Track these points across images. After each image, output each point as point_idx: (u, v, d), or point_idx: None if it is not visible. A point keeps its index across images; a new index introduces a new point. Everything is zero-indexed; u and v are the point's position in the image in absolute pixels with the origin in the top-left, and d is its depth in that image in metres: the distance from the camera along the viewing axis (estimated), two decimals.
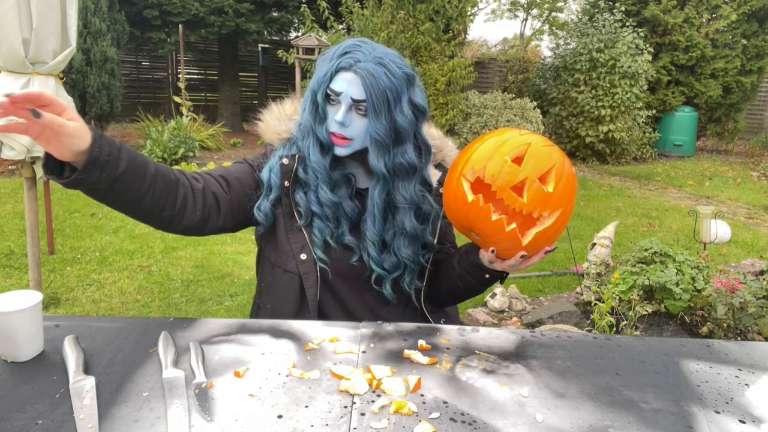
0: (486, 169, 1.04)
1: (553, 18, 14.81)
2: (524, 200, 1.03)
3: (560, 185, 1.05)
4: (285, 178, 1.25)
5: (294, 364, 0.95)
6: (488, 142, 1.08)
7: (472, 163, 1.07)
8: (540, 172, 1.04)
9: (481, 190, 1.06)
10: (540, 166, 1.05)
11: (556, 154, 1.07)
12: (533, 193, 1.03)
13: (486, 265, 1.16)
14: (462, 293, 1.30)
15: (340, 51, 1.17)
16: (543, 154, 1.06)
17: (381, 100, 1.14)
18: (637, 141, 9.15)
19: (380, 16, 7.32)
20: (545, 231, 1.06)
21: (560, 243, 4.53)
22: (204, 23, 9.33)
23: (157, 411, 0.81)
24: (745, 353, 1.07)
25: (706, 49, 9.23)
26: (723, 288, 2.51)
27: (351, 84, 1.14)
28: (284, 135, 1.30)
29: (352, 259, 1.26)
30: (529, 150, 1.05)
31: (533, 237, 1.06)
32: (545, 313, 2.89)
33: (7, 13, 2.42)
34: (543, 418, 0.83)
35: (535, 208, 1.04)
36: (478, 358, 1.00)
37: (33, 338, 0.96)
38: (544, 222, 1.06)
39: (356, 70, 1.14)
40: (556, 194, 1.04)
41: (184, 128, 7.47)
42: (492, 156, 1.05)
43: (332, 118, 1.18)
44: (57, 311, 3.04)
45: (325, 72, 1.17)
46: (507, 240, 1.06)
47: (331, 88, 1.16)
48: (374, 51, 1.16)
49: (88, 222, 4.65)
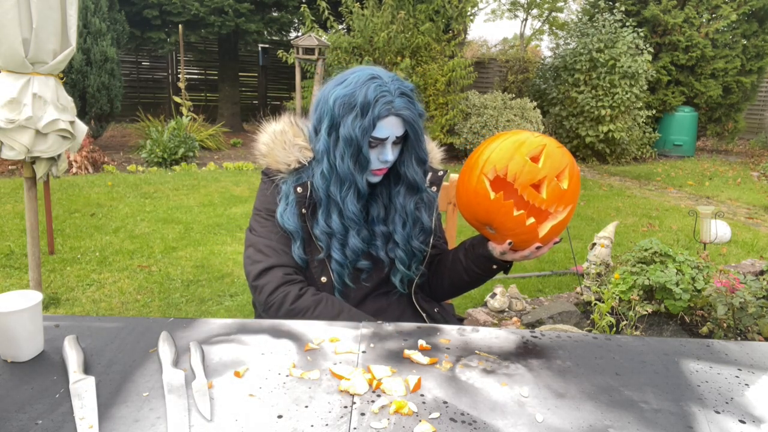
0: (508, 168, 1.13)
1: (553, 18, 14.81)
2: (544, 196, 1.13)
3: (572, 183, 1.16)
4: (301, 207, 1.27)
5: (294, 364, 0.95)
6: (506, 143, 1.17)
7: (492, 162, 1.15)
8: (556, 171, 1.15)
9: (502, 187, 1.15)
10: (556, 165, 1.15)
11: (567, 155, 1.18)
12: (551, 191, 1.14)
13: (497, 256, 1.24)
14: (466, 285, 1.38)
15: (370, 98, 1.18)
16: (557, 155, 1.16)
17: (419, 126, 1.25)
18: (637, 141, 9.15)
19: (380, 16, 7.32)
20: (558, 224, 1.17)
21: (560, 243, 4.52)
22: (204, 23, 9.33)
23: (157, 411, 0.81)
24: (745, 353, 1.07)
25: (706, 49, 9.23)
26: (723, 288, 2.50)
27: (393, 126, 1.21)
28: (294, 165, 1.29)
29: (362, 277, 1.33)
30: (545, 151, 1.15)
31: (548, 230, 1.17)
32: (545, 313, 2.89)
33: (7, 13, 2.42)
34: (543, 418, 0.83)
35: (553, 204, 1.15)
36: (478, 358, 1.00)
37: (33, 338, 0.96)
38: (557, 216, 1.16)
39: (395, 113, 1.20)
40: (569, 191, 1.16)
41: (184, 128, 7.47)
42: (513, 156, 1.14)
43: (375, 159, 1.25)
44: (57, 311, 3.04)
45: (366, 126, 1.19)
46: (525, 233, 1.16)
47: (374, 137, 1.21)
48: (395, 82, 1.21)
49: (88, 222, 4.65)
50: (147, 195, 5.64)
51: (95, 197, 5.44)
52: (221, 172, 7.11)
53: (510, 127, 7.90)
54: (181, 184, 6.21)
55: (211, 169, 7.16)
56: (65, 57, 2.67)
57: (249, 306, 3.18)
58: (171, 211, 5.08)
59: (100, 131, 8.09)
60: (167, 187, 6.04)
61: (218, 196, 5.75)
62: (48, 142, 2.68)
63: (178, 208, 5.21)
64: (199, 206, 5.29)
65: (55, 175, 2.84)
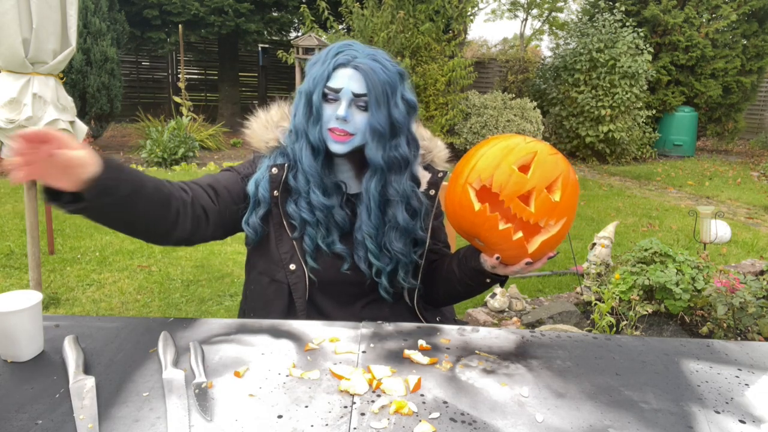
0: (493, 178, 1.05)
1: (553, 18, 14.81)
2: (532, 210, 1.04)
3: (566, 194, 1.07)
4: (274, 188, 1.24)
5: (294, 364, 0.95)
6: (494, 149, 1.08)
7: (478, 171, 1.06)
8: (547, 182, 1.05)
9: (488, 198, 1.07)
10: (547, 175, 1.06)
11: (561, 163, 1.08)
12: (541, 203, 1.04)
13: (488, 269, 1.16)
14: (461, 296, 1.33)
15: (333, 51, 1.19)
16: (549, 163, 1.07)
17: (381, 92, 1.16)
18: (637, 141, 9.15)
19: (380, 16, 7.32)
20: (550, 239, 1.07)
21: (560, 244, 4.52)
22: (204, 23, 9.33)
23: (157, 411, 0.81)
24: (745, 353, 1.07)
25: (706, 49, 9.23)
26: (723, 288, 2.50)
27: (351, 79, 1.16)
28: (272, 143, 1.29)
29: (342, 267, 1.25)
30: (536, 159, 1.06)
31: (539, 245, 1.07)
32: (545, 313, 2.89)
33: (7, 13, 2.42)
34: (543, 418, 0.83)
35: (542, 218, 1.05)
36: (478, 358, 1.00)
37: (33, 338, 0.96)
38: (549, 230, 1.07)
39: (355, 65, 1.16)
40: (562, 203, 1.06)
41: (184, 128, 7.48)
42: (499, 164, 1.05)
43: (330, 116, 1.18)
44: (57, 311, 3.04)
45: (321, 71, 1.17)
46: (513, 248, 1.07)
47: (329, 86, 1.16)
48: (366, 49, 1.20)
49: (88, 222, 4.62)
50: None
51: None
52: None
53: (510, 127, 7.90)
54: None
55: (211, 169, 7.16)
56: (65, 57, 2.67)
57: None
58: None
59: (100, 131, 8.09)
60: None
61: None
62: None
63: None
64: None
65: None
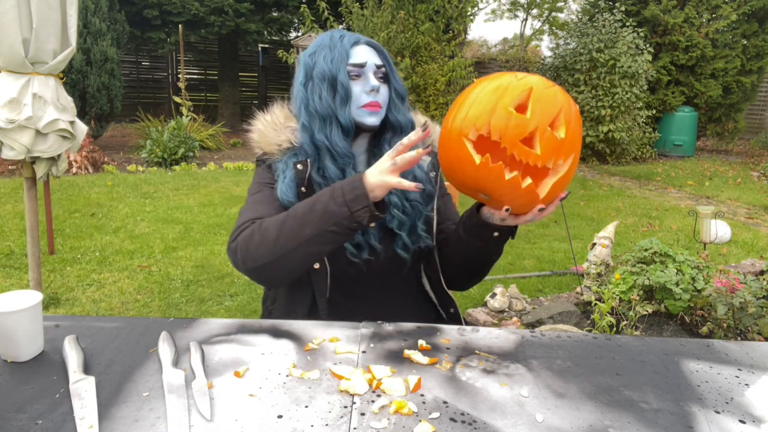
0: (491, 125, 0.95)
1: (553, 18, 14.81)
2: (538, 152, 0.95)
3: (570, 129, 0.97)
4: (300, 185, 1.21)
5: (294, 364, 0.95)
6: (485, 92, 0.98)
7: (472, 120, 0.97)
8: (549, 119, 0.96)
9: (487, 147, 0.97)
10: (547, 111, 0.96)
11: (560, 95, 0.98)
12: (546, 143, 0.95)
13: (497, 223, 1.12)
14: (477, 263, 1.26)
15: (336, 35, 1.23)
16: (548, 98, 0.96)
17: (390, 63, 1.25)
18: (637, 141, 9.15)
19: (380, 16, 7.32)
20: (561, 180, 0.99)
21: (560, 243, 4.53)
22: (204, 23, 9.34)
23: (157, 411, 0.81)
24: (745, 353, 1.07)
25: (706, 49, 9.23)
26: (723, 288, 2.50)
27: (369, 53, 1.22)
28: (285, 144, 1.26)
29: (363, 256, 1.25)
30: (533, 96, 0.96)
31: (550, 188, 0.99)
32: (545, 313, 2.89)
33: (7, 13, 2.42)
34: (543, 418, 0.83)
35: (550, 159, 0.96)
36: (478, 358, 1.00)
37: (33, 338, 0.96)
38: (558, 171, 0.98)
39: (366, 42, 1.23)
40: (568, 139, 0.97)
41: (184, 128, 7.48)
42: (494, 108, 0.95)
43: (360, 92, 1.20)
44: (57, 311, 3.04)
45: (339, 53, 1.19)
46: (523, 196, 0.99)
47: (353, 63, 1.20)
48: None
49: (88, 222, 4.65)
50: (147, 195, 5.64)
51: (95, 197, 5.44)
52: (221, 172, 7.11)
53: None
54: (181, 184, 6.21)
55: (211, 169, 7.16)
56: (65, 57, 2.67)
57: (249, 306, 3.18)
58: (171, 211, 5.08)
59: (100, 131, 8.09)
60: (167, 187, 6.04)
61: (218, 196, 5.74)
62: (48, 142, 2.68)
63: (178, 208, 5.21)
64: (199, 206, 5.29)
65: (55, 175, 2.84)
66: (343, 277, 1.26)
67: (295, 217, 1.08)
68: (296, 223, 1.07)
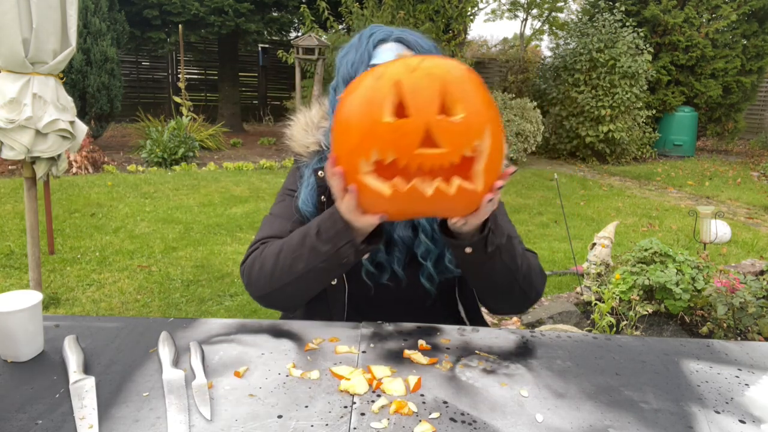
0: (377, 149, 0.81)
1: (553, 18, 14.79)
2: (443, 149, 0.80)
3: (470, 102, 0.81)
4: (321, 193, 1.13)
5: (294, 364, 0.95)
6: (352, 113, 0.83)
7: (356, 152, 0.83)
8: (435, 105, 0.80)
9: (389, 170, 0.83)
10: (428, 98, 0.80)
11: (435, 69, 0.82)
12: (447, 134, 0.80)
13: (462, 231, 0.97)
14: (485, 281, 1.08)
15: (366, 33, 1.12)
16: (421, 82, 0.80)
17: None
18: (637, 141, 9.15)
19: (380, 16, 7.32)
20: (490, 158, 0.83)
21: (560, 243, 4.53)
22: (204, 23, 9.34)
23: (157, 411, 0.81)
24: (745, 353, 1.07)
25: (706, 49, 9.24)
26: (723, 288, 2.51)
27: (396, 51, 1.08)
28: (312, 147, 1.18)
29: (382, 279, 1.16)
30: (404, 89, 0.80)
31: (483, 174, 0.84)
32: (545, 313, 2.89)
33: (7, 13, 2.42)
34: (543, 418, 0.83)
35: (462, 147, 0.81)
36: (478, 358, 1.00)
37: (33, 338, 0.96)
38: (481, 151, 0.83)
39: (397, 37, 1.09)
40: (471, 115, 0.81)
41: (184, 128, 7.48)
42: (371, 128, 0.80)
43: None
44: (57, 311, 3.04)
45: (360, 54, 1.09)
46: (458, 200, 0.85)
47: (374, 65, 1.05)
48: (399, 28, 1.13)
49: (88, 222, 4.65)
50: (147, 195, 5.64)
51: (95, 197, 5.44)
52: (221, 172, 7.11)
53: (510, 127, 7.90)
54: (181, 184, 6.21)
55: (211, 169, 7.16)
56: (65, 57, 2.67)
57: (249, 306, 3.18)
58: (171, 211, 5.08)
59: (100, 131, 8.09)
60: (167, 187, 6.04)
61: (218, 196, 5.75)
62: (48, 142, 2.68)
63: (178, 208, 5.21)
64: (199, 206, 5.29)
65: (55, 175, 2.84)
66: (361, 297, 1.18)
67: (289, 249, 1.03)
68: (290, 257, 1.02)
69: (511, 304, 1.12)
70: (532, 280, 1.08)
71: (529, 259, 1.10)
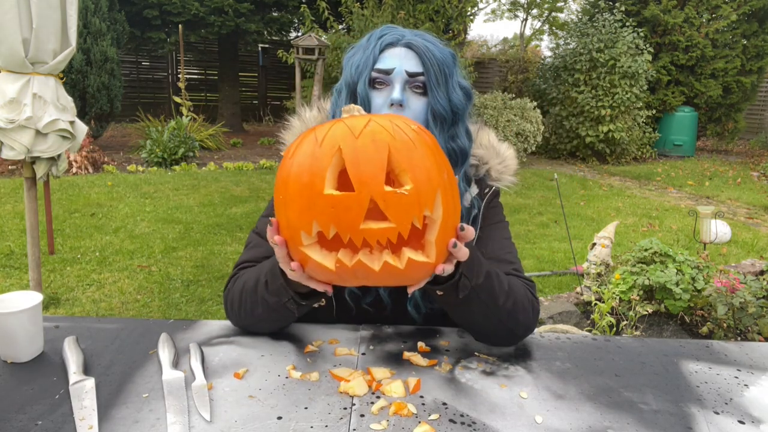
0: (318, 223, 0.75)
1: (553, 18, 14.80)
2: (391, 223, 0.74)
3: (418, 170, 0.75)
4: None
5: (294, 365, 0.95)
6: (294, 182, 0.76)
7: (299, 224, 0.77)
8: (380, 174, 0.73)
9: (334, 243, 0.77)
10: (374, 166, 0.73)
11: (379, 134, 0.76)
12: (394, 208, 0.73)
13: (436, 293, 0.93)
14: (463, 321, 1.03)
15: (376, 34, 1.06)
16: (366, 149, 0.74)
17: (439, 71, 1.03)
18: (637, 141, 9.16)
19: (380, 16, 7.32)
20: (443, 226, 0.78)
21: (560, 243, 4.53)
22: (204, 23, 9.33)
23: (156, 412, 0.81)
24: (745, 354, 1.07)
25: (706, 49, 9.24)
26: (723, 288, 2.51)
27: (403, 58, 1.03)
28: None
29: (365, 300, 1.13)
30: (347, 159, 0.74)
31: (435, 244, 0.78)
32: (545, 313, 2.89)
33: (7, 13, 2.42)
34: (542, 420, 0.83)
35: (411, 219, 0.75)
36: (478, 359, 1.00)
37: (33, 339, 0.96)
38: (434, 220, 0.77)
39: (407, 43, 1.03)
40: (420, 184, 0.75)
41: (184, 128, 7.48)
42: (312, 200, 0.74)
43: (381, 104, 1.03)
44: (57, 311, 3.04)
45: (365, 57, 1.04)
46: (411, 272, 0.78)
47: (378, 69, 1.03)
48: (413, 30, 1.07)
49: (88, 222, 4.65)
50: (147, 195, 5.64)
51: (95, 197, 5.44)
52: (221, 172, 7.11)
53: (510, 126, 7.90)
54: (181, 184, 6.22)
55: (211, 169, 7.16)
56: (65, 57, 2.67)
57: None
58: (171, 211, 5.08)
59: (100, 131, 8.09)
60: (167, 187, 6.04)
61: (218, 196, 5.75)
62: (48, 142, 2.68)
63: (178, 208, 5.21)
64: (199, 206, 5.30)
65: (55, 175, 2.84)
66: (349, 319, 1.14)
67: (247, 293, 1.00)
68: (249, 300, 1.00)
69: (496, 339, 1.05)
70: (518, 317, 1.00)
71: (515, 295, 1.00)
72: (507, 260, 1.10)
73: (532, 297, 1.04)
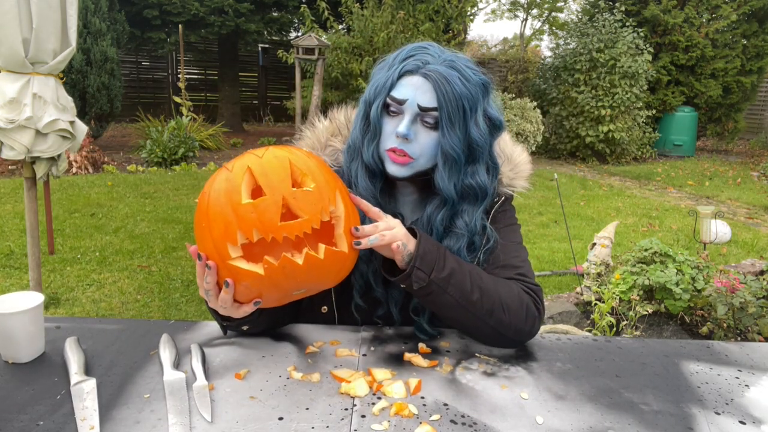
0: (242, 231, 0.85)
1: (553, 18, 14.81)
2: (303, 217, 0.86)
3: (317, 174, 0.90)
4: None
5: (295, 366, 0.95)
6: (214, 204, 0.87)
7: (224, 239, 0.86)
8: (287, 181, 0.87)
9: (259, 250, 0.88)
10: (280, 175, 0.87)
11: (279, 153, 0.91)
12: (304, 203, 0.87)
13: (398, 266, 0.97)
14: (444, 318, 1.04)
15: (403, 54, 1.02)
16: (270, 165, 0.88)
17: (456, 108, 0.98)
18: (637, 141, 9.16)
19: (380, 16, 7.33)
20: (347, 222, 0.91)
21: (560, 243, 4.53)
22: (204, 23, 9.33)
23: (158, 413, 0.81)
24: (745, 354, 1.07)
25: (706, 49, 9.24)
26: (723, 288, 2.51)
27: (418, 90, 0.98)
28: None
29: (377, 313, 1.11)
30: (256, 172, 0.87)
31: (344, 237, 0.91)
32: (545, 313, 2.89)
33: (7, 13, 2.42)
34: (543, 420, 0.83)
35: (319, 213, 0.87)
36: (479, 360, 1.00)
37: (34, 340, 0.96)
38: (339, 216, 0.91)
39: (425, 73, 0.98)
40: (321, 184, 0.89)
41: (184, 128, 7.48)
42: (233, 212, 0.85)
43: (390, 133, 1.01)
44: (57, 311, 3.04)
45: (385, 79, 1.01)
46: (330, 264, 0.89)
47: (392, 97, 1.00)
48: (444, 53, 1.02)
49: (88, 222, 4.65)
50: (147, 195, 5.64)
51: (95, 197, 5.44)
52: None
53: (510, 126, 7.91)
54: (181, 184, 6.22)
55: (211, 169, 7.16)
56: (65, 57, 2.67)
57: None
58: (171, 211, 5.08)
59: (100, 131, 8.09)
60: (167, 187, 6.04)
61: None
62: (48, 142, 2.68)
63: (178, 208, 5.21)
64: None
65: (55, 175, 2.84)
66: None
67: None
68: None
69: (487, 340, 1.04)
70: (502, 318, 0.98)
71: (500, 295, 0.99)
72: (512, 265, 1.08)
73: (530, 301, 1.03)
